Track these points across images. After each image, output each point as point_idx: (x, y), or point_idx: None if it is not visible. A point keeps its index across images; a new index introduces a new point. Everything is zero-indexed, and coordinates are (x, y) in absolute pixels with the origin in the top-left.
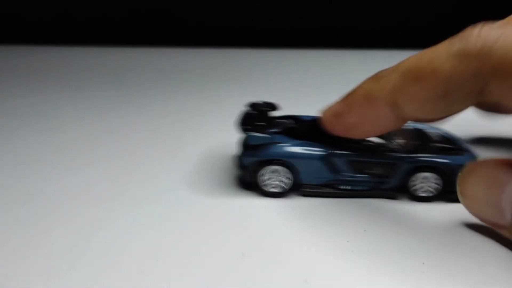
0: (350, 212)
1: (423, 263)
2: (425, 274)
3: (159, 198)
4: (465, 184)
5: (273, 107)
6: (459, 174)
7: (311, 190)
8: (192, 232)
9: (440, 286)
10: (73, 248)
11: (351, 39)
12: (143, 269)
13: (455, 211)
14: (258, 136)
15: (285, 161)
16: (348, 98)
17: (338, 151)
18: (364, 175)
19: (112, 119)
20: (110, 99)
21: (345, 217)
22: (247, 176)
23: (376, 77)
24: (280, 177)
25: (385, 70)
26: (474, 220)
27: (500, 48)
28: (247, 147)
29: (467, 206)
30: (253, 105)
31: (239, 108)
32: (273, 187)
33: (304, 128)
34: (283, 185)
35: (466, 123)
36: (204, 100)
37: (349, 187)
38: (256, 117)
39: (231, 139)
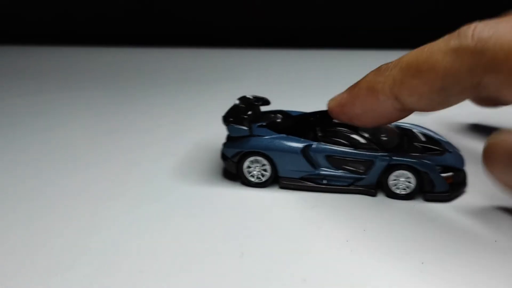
0: (349, 212)
1: (422, 263)
2: (424, 274)
3: (159, 197)
4: (491, 154)
5: (263, 101)
6: (485, 144)
7: (290, 183)
8: (192, 231)
9: (440, 286)
10: (72, 247)
11: (348, 39)
12: (142, 268)
13: (455, 211)
14: (238, 128)
15: (264, 153)
16: (352, 90)
17: (315, 146)
18: (342, 171)
19: (112, 119)
20: (110, 99)
21: (345, 217)
22: (229, 167)
23: (379, 70)
24: (259, 169)
25: (387, 64)
26: (474, 220)
27: (494, 45)
28: (229, 138)
29: (494, 176)
30: (243, 99)
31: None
32: (252, 177)
33: (289, 123)
34: (262, 176)
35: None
36: (201, 98)
37: (327, 182)
38: (244, 111)
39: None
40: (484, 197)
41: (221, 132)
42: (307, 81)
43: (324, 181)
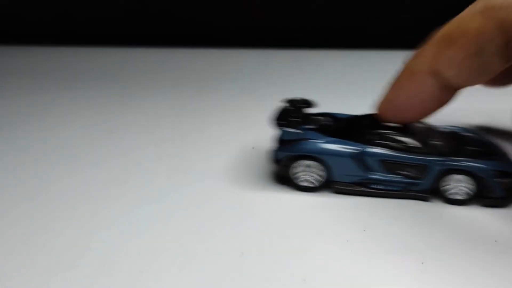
0: (349, 212)
1: (422, 263)
2: (425, 274)
3: (159, 197)
4: None
5: (309, 103)
6: None
7: (343, 187)
8: (192, 231)
9: (440, 286)
10: (72, 247)
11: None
12: (142, 268)
13: (455, 211)
14: (291, 132)
15: (317, 157)
16: (394, 81)
17: (370, 150)
18: (396, 175)
19: (112, 119)
20: (110, 99)
21: (345, 217)
22: (281, 170)
23: (416, 53)
24: (312, 173)
25: (422, 46)
26: (474, 220)
27: None
28: (281, 142)
29: None
30: (290, 101)
31: (269, 107)
32: (305, 182)
33: (339, 126)
34: (315, 181)
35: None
36: (200, 98)
37: (381, 187)
38: (292, 113)
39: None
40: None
41: (220, 132)
42: (308, 82)
43: (380, 186)
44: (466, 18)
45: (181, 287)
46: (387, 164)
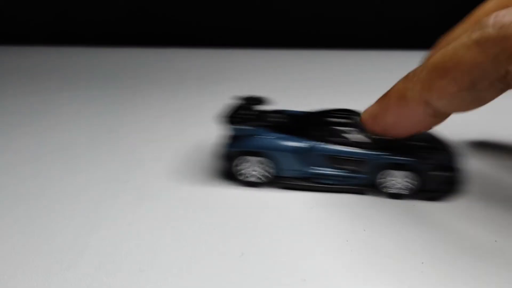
0: (349, 212)
1: (422, 263)
2: (424, 274)
3: (159, 197)
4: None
5: (262, 101)
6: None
7: (288, 182)
8: (192, 231)
9: (440, 286)
10: (73, 247)
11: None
12: (142, 267)
13: (455, 211)
14: (240, 128)
15: (264, 152)
16: (383, 100)
17: (314, 145)
18: (340, 170)
19: (112, 119)
20: (110, 99)
21: (345, 217)
22: (228, 166)
23: (407, 77)
24: (259, 168)
25: (415, 69)
26: (474, 220)
27: None
28: (230, 138)
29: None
30: (242, 99)
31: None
32: (251, 177)
33: (288, 122)
34: (261, 176)
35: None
36: (201, 98)
37: (325, 181)
38: (244, 110)
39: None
40: (484, 197)
41: (219, 132)
42: (308, 81)
43: (323, 181)
44: (461, 48)
45: (181, 287)
46: (332, 159)
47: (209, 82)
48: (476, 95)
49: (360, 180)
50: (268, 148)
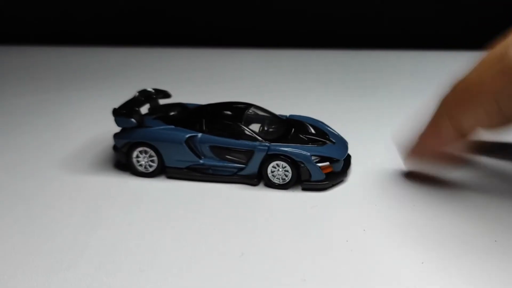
0: (349, 212)
1: (422, 263)
2: (425, 274)
3: (159, 197)
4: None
5: (164, 94)
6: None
7: (176, 173)
8: (192, 231)
9: (440, 286)
10: (73, 247)
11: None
12: (142, 267)
13: (455, 212)
14: (125, 120)
15: (150, 143)
16: (421, 135)
17: (199, 136)
18: (225, 161)
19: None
20: (110, 99)
21: (345, 217)
22: (119, 157)
23: (438, 104)
24: (147, 159)
25: (446, 95)
26: (474, 220)
27: None
28: (120, 130)
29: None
30: (142, 92)
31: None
32: (140, 167)
33: (183, 115)
34: (149, 166)
35: None
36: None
37: (212, 172)
38: (139, 103)
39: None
40: (484, 197)
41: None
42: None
43: (210, 171)
44: (486, 76)
45: (181, 287)
46: (217, 150)
47: (208, 82)
48: (504, 119)
49: (245, 170)
50: (154, 139)
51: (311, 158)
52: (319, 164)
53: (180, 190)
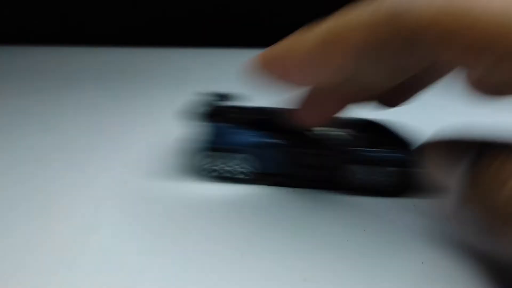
0: (349, 212)
1: (422, 263)
2: (424, 274)
3: (159, 197)
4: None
5: (231, 97)
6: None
7: (266, 179)
8: (192, 231)
9: (440, 286)
10: (72, 247)
11: None
12: (142, 268)
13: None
14: (215, 124)
15: (244, 149)
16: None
17: (287, 142)
18: (313, 167)
19: (112, 119)
20: (110, 99)
21: (345, 216)
22: (203, 163)
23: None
24: (238, 165)
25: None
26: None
27: (420, 8)
28: (207, 135)
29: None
30: (212, 95)
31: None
32: (228, 174)
33: (262, 120)
34: (241, 173)
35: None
36: None
37: (300, 179)
38: (216, 107)
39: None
40: None
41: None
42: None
43: (299, 178)
44: (351, 25)
45: (181, 287)
46: (303, 156)
47: (209, 82)
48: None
49: (334, 177)
50: (247, 145)
51: (393, 163)
52: (394, 169)
53: (180, 190)
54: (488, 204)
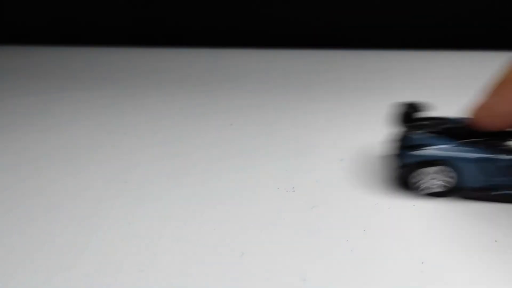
0: (349, 212)
1: (422, 263)
2: (424, 274)
3: (159, 197)
4: None
5: (421, 107)
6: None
7: (469, 192)
8: (192, 231)
9: (440, 286)
10: (73, 247)
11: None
12: (142, 267)
13: (455, 211)
14: (420, 136)
15: (447, 162)
16: (494, 87)
17: (497, 156)
18: None
19: (112, 119)
20: (110, 99)
21: (345, 217)
22: (407, 176)
23: None
24: (441, 178)
25: None
26: (474, 220)
27: None
28: (406, 146)
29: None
30: (408, 105)
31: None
32: (433, 187)
33: (457, 130)
34: (443, 186)
35: None
36: (201, 99)
37: (504, 192)
38: (411, 117)
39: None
40: None
41: (219, 132)
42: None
43: (504, 191)
44: None
45: (181, 287)
46: (510, 169)
47: (212, 83)
48: None
49: None
50: (449, 158)
51: None
52: None
53: (180, 190)
54: None
